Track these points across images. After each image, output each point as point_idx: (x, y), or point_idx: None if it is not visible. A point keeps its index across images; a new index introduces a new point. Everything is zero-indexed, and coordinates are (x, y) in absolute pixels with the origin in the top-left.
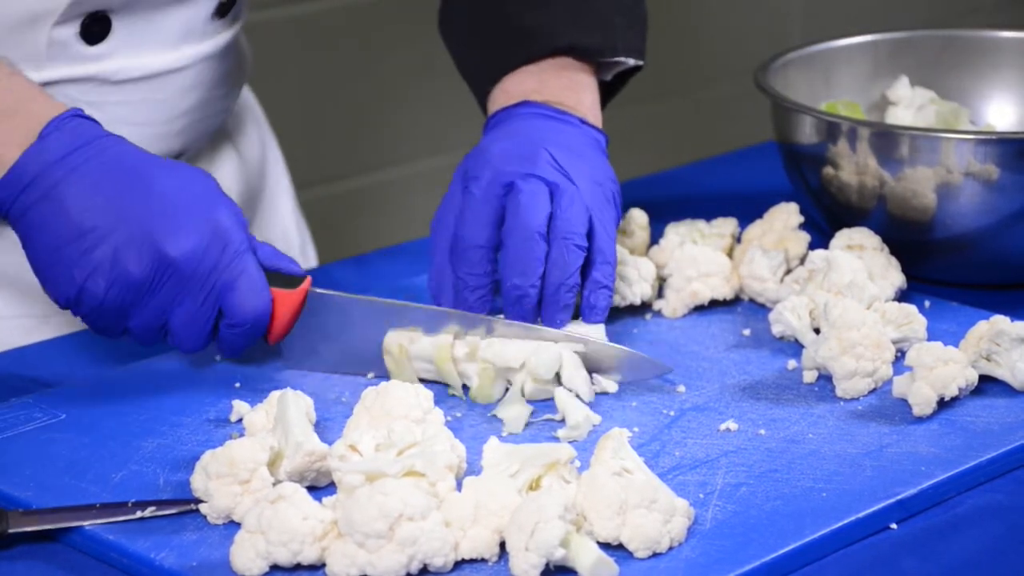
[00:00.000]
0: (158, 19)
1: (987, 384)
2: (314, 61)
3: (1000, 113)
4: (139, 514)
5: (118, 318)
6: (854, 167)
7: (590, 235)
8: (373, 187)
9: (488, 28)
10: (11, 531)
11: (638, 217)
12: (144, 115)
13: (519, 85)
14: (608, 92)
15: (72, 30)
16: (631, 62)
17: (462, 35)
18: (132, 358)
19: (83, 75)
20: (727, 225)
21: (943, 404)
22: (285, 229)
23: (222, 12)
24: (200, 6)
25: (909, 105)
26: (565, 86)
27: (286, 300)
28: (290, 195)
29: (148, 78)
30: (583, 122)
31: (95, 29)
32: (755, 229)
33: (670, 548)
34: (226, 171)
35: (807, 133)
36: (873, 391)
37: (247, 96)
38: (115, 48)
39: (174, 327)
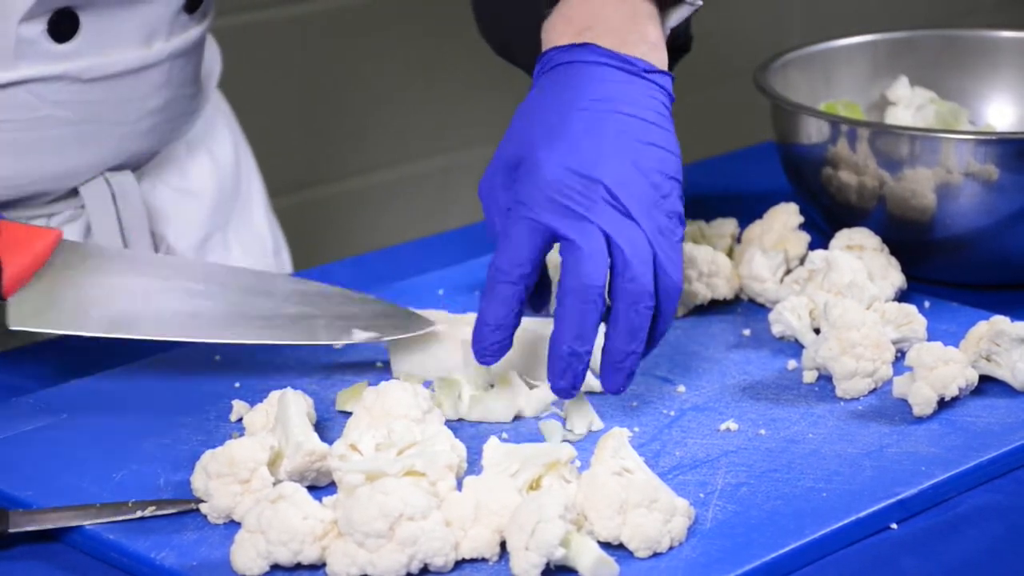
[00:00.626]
0: (126, 15)
1: (987, 384)
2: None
3: (1000, 113)
4: (139, 514)
5: None
6: (854, 167)
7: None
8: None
9: None
10: (11, 531)
11: None
12: (113, 114)
13: (581, 10)
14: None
15: (39, 27)
16: (687, 4)
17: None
18: (132, 357)
19: (52, 74)
20: (727, 225)
21: (943, 404)
22: (258, 233)
23: (191, 7)
24: (169, 1)
25: (908, 105)
26: (629, 13)
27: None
28: (263, 199)
29: (117, 76)
30: (647, 71)
31: (63, 26)
32: (755, 229)
33: (670, 548)
34: (198, 174)
35: (807, 133)
36: (873, 391)
37: (219, 100)
38: (84, 46)
39: None
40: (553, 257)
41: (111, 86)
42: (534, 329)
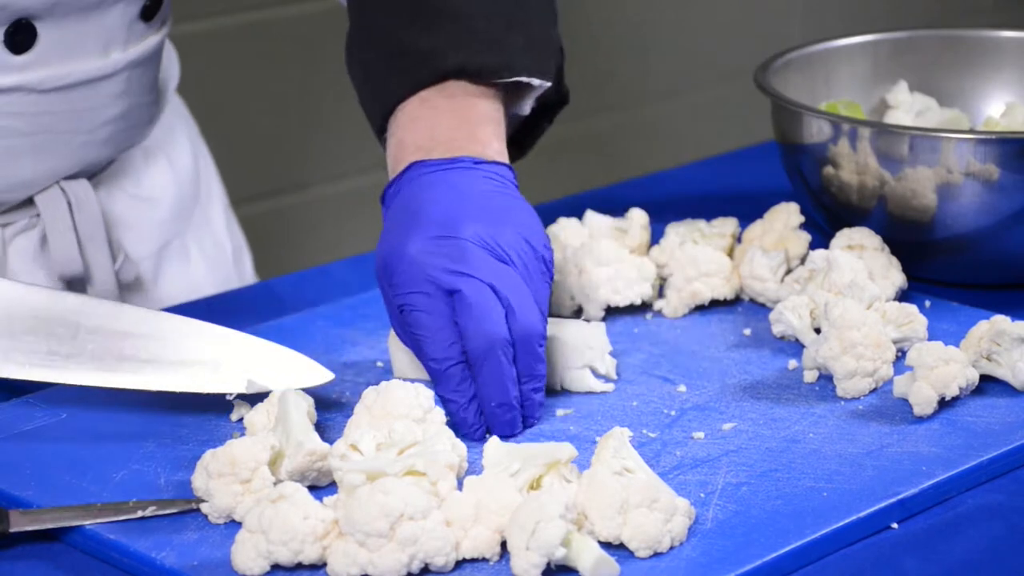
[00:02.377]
0: (84, 25)
1: (988, 384)
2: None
3: (1000, 113)
4: (140, 513)
5: None
6: (854, 167)
7: None
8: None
9: (381, 58)
10: (11, 531)
11: (638, 217)
12: (70, 124)
13: (410, 131)
14: (535, 125)
15: None
16: (536, 82)
17: (359, 70)
18: None
19: (9, 85)
20: (727, 225)
21: (944, 404)
22: (218, 240)
23: (147, 15)
24: (125, 9)
25: (909, 110)
26: (457, 122)
27: None
28: (223, 205)
29: (75, 86)
30: (477, 163)
31: (19, 38)
32: (755, 229)
33: (671, 547)
34: (157, 181)
35: (807, 133)
36: (874, 391)
37: (178, 106)
38: (41, 57)
39: None
40: None
41: (68, 96)
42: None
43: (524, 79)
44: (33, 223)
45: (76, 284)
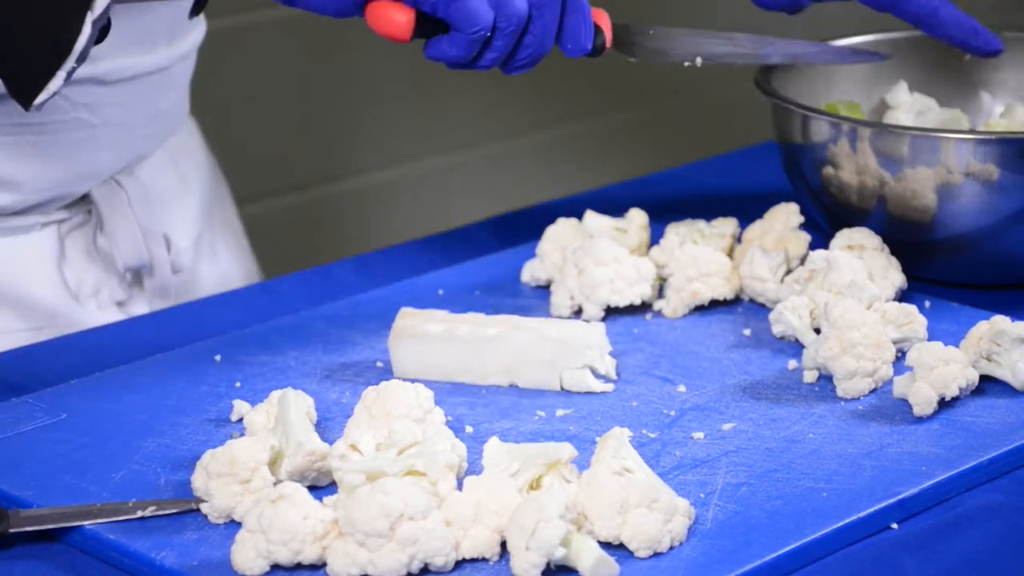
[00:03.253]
0: (148, 17)
1: (988, 384)
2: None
3: (1000, 113)
4: (140, 514)
5: None
6: (854, 167)
7: None
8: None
9: None
10: (11, 531)
11: (638, 217)
12: (129, 116)
13: None
14: None
15: None
16: None
17: None
18: (132, 357)
19: (83, 76)
20: (727, 225)
21: (944, 404)
22: (236, 233)
23: (197, 9)
24: (183, 3)
25: (909, 111)
26: None
27: None
28: (230, 203)
29: (135, 78)
30: None
31: (102, 27)
32: (755, 229)
33: (671, 548)
34: (186, 174)
35: (807, 133)
36: (873, 391)
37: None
38: (109, 48)
39: None
40: None
41: (129, 89)
42: (524, 335)
43: None
44: (86, 219)
45: (136, 276)
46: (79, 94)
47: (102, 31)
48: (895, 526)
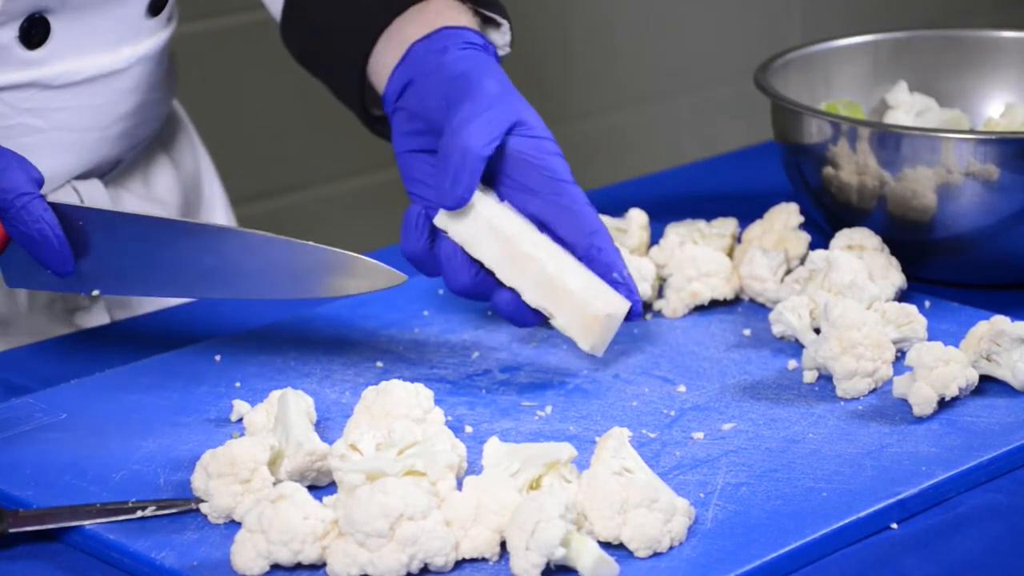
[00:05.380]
0: (96, 19)
1: (987, 384)
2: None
3: (1000, 113)
4: (139, 514)
5: None
6: (854, 167)
7: None
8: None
9: (340, 9)
10: (11, 531)
11: (638, 217)
12: (84, 120)
13: (407, 28)
14: None
15: (11, 33)
16: (503, 24)
17: (318, 22)
18: (132, 357)
19: (24, 81)
20: (727, 225)
21: (943, 404)
22: None
23: (155, 10)
24: (135, 3)
25: (909, 110)
26: (450, 12)
27: None
28: (224, 205)
29: (88, 81)
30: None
31: (34, 32)
32: (755, 229)
33: (671, 548)
34: (162, 182)
35: (807, 133)
36: (873, 391)
37: (178, 108)
38: (55, 51)
39: None
40: None
41: (82, 92)
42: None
43: (498, 18)
44: None
45: None
46: (20, 99)
47: (39, 35)
48: (895, 526)
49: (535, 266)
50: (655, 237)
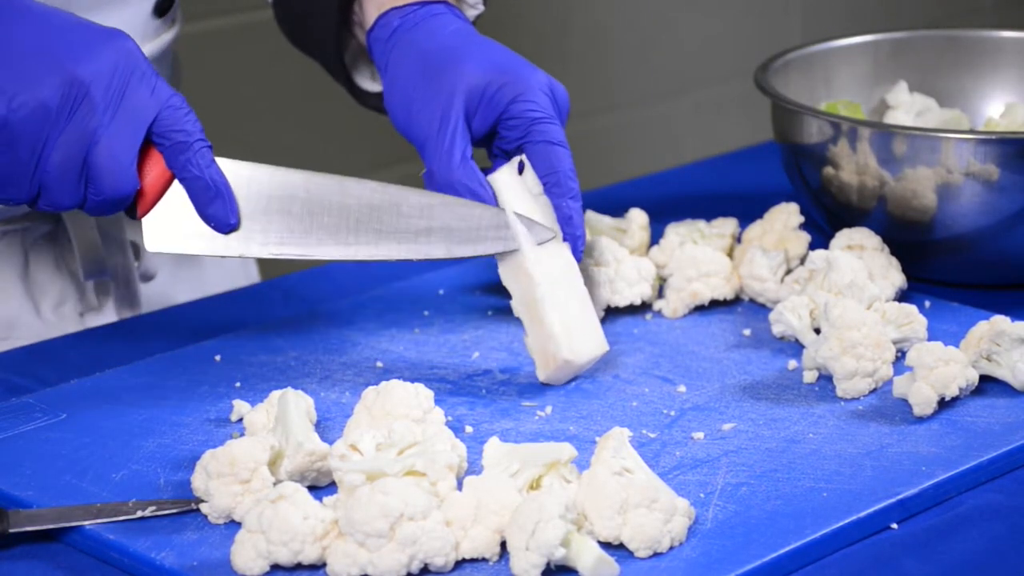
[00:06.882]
0: (101, 20)
1: (987, 384)
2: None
3: (1000, 113)
4: (139, 514)
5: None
6: (854, 167)
7: None
8: None
9: None
10: (11, 531)
11: (638, 217)
12: None
13: None
14: None
15: None
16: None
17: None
18: (132, 357)
19: None
20: (727, 225)
21: (943, 404)
22: None
23: (160, 11)
24: (139, 5)
25: (909, 110)
26: None
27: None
28: None
29: None
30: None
31: None
32: (755, 229)
33: (671, 548)
34: None
35: (807, 133)
36: (873, 391)
37: None
38: None
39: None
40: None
41: None
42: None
43: None
44: (55, 229)
45: (100, 284)
46: None
47: None
48: (895, 526)
49: (527, 282)
50: (655, 237)
